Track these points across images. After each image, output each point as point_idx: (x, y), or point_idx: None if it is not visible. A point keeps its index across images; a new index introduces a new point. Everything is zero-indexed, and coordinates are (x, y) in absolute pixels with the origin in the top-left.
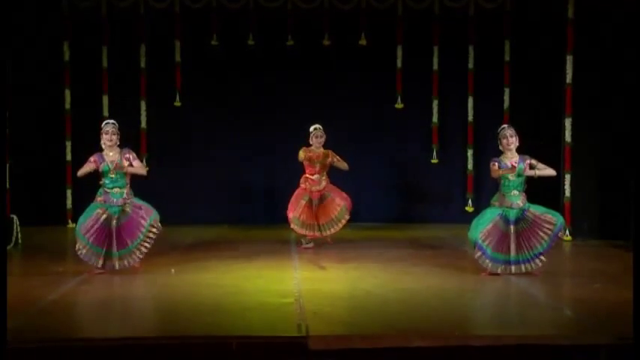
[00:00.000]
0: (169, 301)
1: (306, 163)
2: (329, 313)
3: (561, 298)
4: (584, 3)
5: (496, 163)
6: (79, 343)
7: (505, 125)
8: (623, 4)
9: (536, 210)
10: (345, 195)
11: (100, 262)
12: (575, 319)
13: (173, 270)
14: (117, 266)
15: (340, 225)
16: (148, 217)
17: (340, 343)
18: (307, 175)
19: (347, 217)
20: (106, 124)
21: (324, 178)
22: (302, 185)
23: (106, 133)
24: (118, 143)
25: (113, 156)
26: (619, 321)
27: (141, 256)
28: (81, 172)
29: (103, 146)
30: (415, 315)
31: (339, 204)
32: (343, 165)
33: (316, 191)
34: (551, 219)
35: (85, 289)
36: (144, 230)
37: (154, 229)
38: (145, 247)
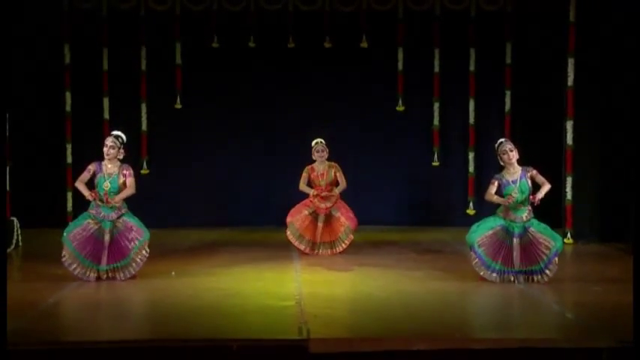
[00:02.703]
0: (170, 304)
1: (312, 183)
2: (330, 316)
3: (563, 301)
4: (586, 5)
5: (496, 182)
6: (79, 346)
7: (502, 140)
8: (625, 6)
9: (537, 231)
10: (351, 215)
11: (86, 275)
12: (576, 322)
13: (173, 273)
14: (103, 278)
15: (343, 246)
16: (137, 241)
17: (341, 346)
18: (316, 192)
19: (351, 237)
20: (109, 136)
21: (333, 194)
22: (311, 198)
23: (105, 146)
24: (120, 157)
25: (112, 169)
26: (620, 324)
27: (129, 275)
28: (77, 184)
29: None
30: (416, 318)
31: (344, 224)
32: (341, 188)
33: (324, 208)
34: (549, 244)
35: (84, 292)
36: (131, 253)
37: (141, 255)
38: (131, 270)
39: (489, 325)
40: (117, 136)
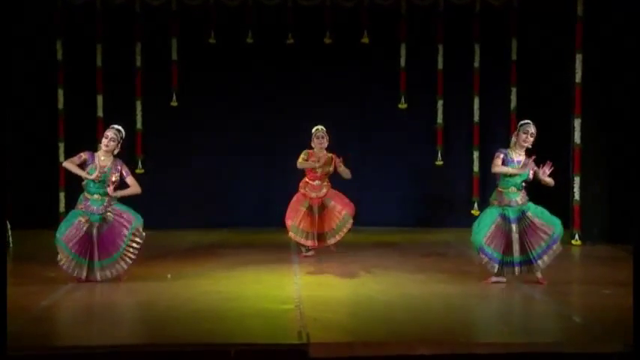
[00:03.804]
0: (166, 308)
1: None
2: (330, 320)
3: (570, 305)
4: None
5: (501, 155)
6: (73, 351)
7: (529, 121)
8: (634, 1)
9: (535, 215)
10: (347, 200)
11: (83, 274)
12: (584, 327)
13: (169, 275)
14: (98, 277)
15: (342, 233)
16: (130, 225)
17: (342, 351)
18: (307, 180)
19: (349, 224)
20: (110, 128)
21: (325, 184)
22: (301, 190)
23: (105, 137)
24: (116, 152)
25: (104, 161)
26: (629, 328)
27: (125, 267)
28: (67, 164)
29: (99, 148)
30: (419, 322)
31: (341, 211)
32: (346, 172)
33: (316, 198)
34: (548, 229)
35: (78, 296)
36: (125, 239)
37: (137, 238)
38: (129, 257)
39: (495, 329)
40: (118, 130)
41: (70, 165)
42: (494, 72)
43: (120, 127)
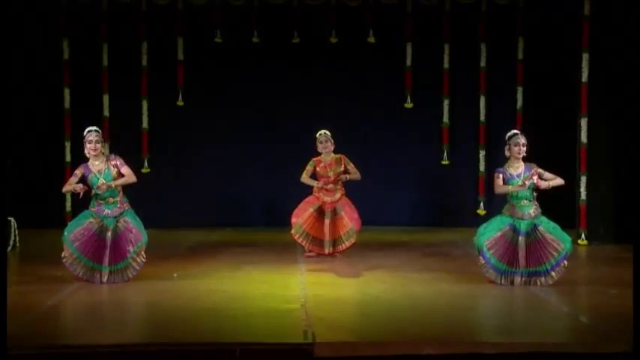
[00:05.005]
0: (171, 307)
1: (318, 175)
2: (336, 319)
3: (576, 305)
4: None
5: (501, 175)
6: (78, 350)
7: (517, 131)
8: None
9: (546, 230)
10: (356, 215)
11: (87, 274)
12: (591, 326)
13: (175, 274)
14: (104, 280)
15: (344, 246)
16: (135, 244)
17: (347, 350)
18: (322, 184)
19: (353, 240)
20: (89, 132)
21: (339, 187)
22: (315, 194)
23: (90, 142)
24: (103, 151)
25: (99, 165)
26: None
27: (130, 276)
28: (66, 188)
29: (88, 155)
30: (425, 321)
31: (347, 225)
32: (355, 176)
33: (330, 202)
34: (558, 245)
35: (83, 295)
36: (128, 257)
37: (139, 258)
38: (129, 274)
39: (500, 329)
40: (97, 130)
41: (69, 188)
42: (501, 71)
43: (96, 127)
